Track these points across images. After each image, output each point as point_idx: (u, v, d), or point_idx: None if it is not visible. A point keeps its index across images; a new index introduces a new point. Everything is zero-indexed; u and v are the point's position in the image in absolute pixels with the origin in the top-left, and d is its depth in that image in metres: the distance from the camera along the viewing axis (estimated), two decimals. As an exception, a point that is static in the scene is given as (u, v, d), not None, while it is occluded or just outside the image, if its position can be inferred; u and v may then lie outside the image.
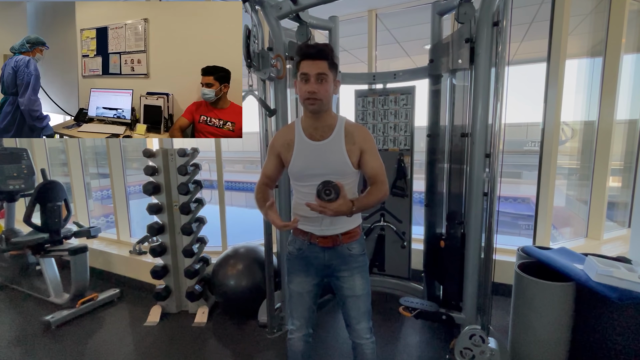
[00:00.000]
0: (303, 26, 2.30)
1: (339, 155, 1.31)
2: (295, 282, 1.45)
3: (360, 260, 1.41)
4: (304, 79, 1.24)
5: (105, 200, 6.57)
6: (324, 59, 1.24)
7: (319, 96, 1.24)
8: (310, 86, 1.23)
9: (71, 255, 2.73)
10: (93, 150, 5.33)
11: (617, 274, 1.60)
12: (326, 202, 1.16)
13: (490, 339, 1.82)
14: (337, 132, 1.33)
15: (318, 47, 1.25)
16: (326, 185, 1.17)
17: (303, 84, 1.25)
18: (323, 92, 1.25)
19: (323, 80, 1.24)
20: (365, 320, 1.42)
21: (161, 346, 2.30)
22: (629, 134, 3.61)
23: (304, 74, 1.24)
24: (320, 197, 1.17)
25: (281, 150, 1.37)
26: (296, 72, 1.29)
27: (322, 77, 1.23)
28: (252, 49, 1.87)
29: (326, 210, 1.16)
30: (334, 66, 1.28)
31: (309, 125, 1.34)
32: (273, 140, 1.41)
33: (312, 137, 1.33)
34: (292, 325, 1.48)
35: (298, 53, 1.27)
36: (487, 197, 1.80)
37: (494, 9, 1.69)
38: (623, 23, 2.91)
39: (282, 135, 1.39)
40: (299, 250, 1.42)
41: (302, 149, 1.33)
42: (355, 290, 1.40)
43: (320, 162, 1.31)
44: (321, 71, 1.23)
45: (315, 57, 1.23)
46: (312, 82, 1.23)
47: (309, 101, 1.25)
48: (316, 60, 1.23)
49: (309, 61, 1.24)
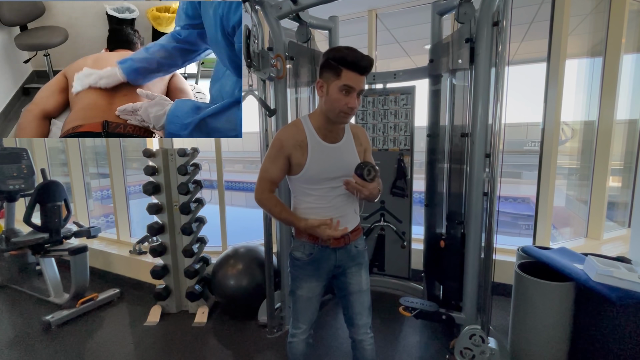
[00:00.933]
0: (303, 26, 2.30)
1: (353, 156, 1.33)
2: (304, 287, 1.41)
3: (364, 255, 1.45)
4: (346, 91, 1.16)
5: (105, 200, 6.57)
6: (367, 73, 1.18)
7: (355, 112, 1.23)
8: (352, 101, 1.18)
9: (71, 255, 2.73)
10: (93, 150, 5.32)
11: (617, 274, 1.60)
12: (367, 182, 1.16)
13: (490, 338, 1.82)
14: (347, 133, 1.35)
15: (370, 61, 1.16)
16: (367, 165, 1.18)
17: (342, 95, 1.17)
18: (357, 106, 1.22)
19: (360, 95, 1.21)
20: (367, 315, 1.44)
21: (161, 346, 2.30)
22: (629, 134, 3.60)
23: (349, 87, 1.15)
24: (362, 177, 1.16)
25: (292, 152, 1.26)
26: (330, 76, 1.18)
27: (361, 92, 1.20)
28: (252, 49, 1.87)
29: (363, 190, 1.16)
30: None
31: (323, 127, 1.29)
32: (281, 141, 1.27)
33: (326, 139, 1.29)
34: (295, 328, 1.45)
35: (343, 60, 1.14)
36: (487, 197, 1.80)
37: (494, 9, 1.69)
38: (623, 23, 2.91)
39: (292, 136, 1.27)
40: (310, 255, 1.37)
41: (318, 151, 1.27)
42: (362, 285, 1.42)
43: (338, 164, 1.29)
44: (364, 87, 1.19)
45: (364, 70, 1.16)
46: (354, 96, 1.18)
47: (345, 115, 1.21)
48: (363, 75, 1.17)
49: (356, 74, 1.15)
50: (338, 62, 1.15)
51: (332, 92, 1.18)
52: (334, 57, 1.17)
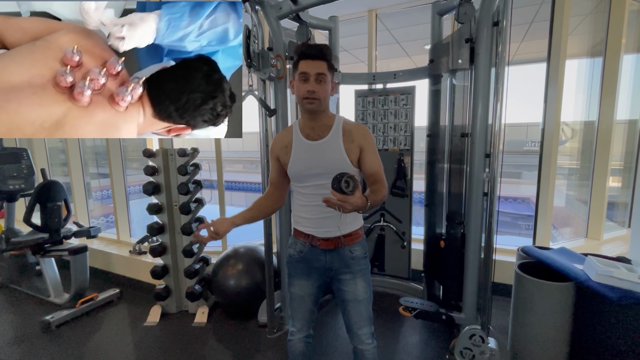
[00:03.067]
0: (303, 26, 2.30)
1: (337, 154, 1.29)
2: (296, 285, 1.43)
3: (362, 263, 1.38)
4: (303, 79, 1.24)
5: (105, 200, 6.57)
6: (323, 59, 1.24)
7: (317, 96, 1.23)
8: (309, 85, 1.23)
9: (71, 255, 2.73)
10: (93, 150, 5.33)
11: (617, 274, 1.60)
12: (346, 195, 1.03)
13: (490, 338, 1.82)
14: (335, 130, 1.31)
15: (318, 47, 1.25)
16: (343, 176, 1.05)
17: (302, 83, 1.24)
18: (322, 92, 1.24)
19: (322, 81, 1.24)
20: (367, 325, 1.39)
21: (161, 346, 2.30)
22: (629, 134, 3.61)
23: (303, 73, 1.23)
24: (339, 190, 1.03)
25: (280, 154, 1.37)
26: (294, 71, 1.28)
27: (321, 77, 1.23)
28: (252, 49, 1.87)
29: (346, 205, 1.03)
30: (332, 68, 1.28)
31: (306, 126, 1.33)
32: (272, 145, 1.42)
33: (309, 137, 1.32)
34: (292, 327, 1.46)
35: (297, 52, 1.27)
36: (487, 197, 1.80)
37: (494, 9, 1.69)
38: (623, 23, 2.91)
39: (280, 138, 1.39)
40: (300, 253, 1.39)
41: (300, 150, 1.32)
42: (357, 294, 1.36)
43: (319, 161, 1.30)
44: (321, 71, 1.23)
45: (315, 57, 1.23)
46: (312, 81, 1.23)
47: (307, 100, 1.25)
48: (316, 60, 1.23)
49: (308, 61, 1.23)
50: (295, 55, 1.28)
51: (296, 84, 1.27)
52: (293, 54, 1.30)
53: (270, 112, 2.11)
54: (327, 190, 1.29)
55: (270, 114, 2.13)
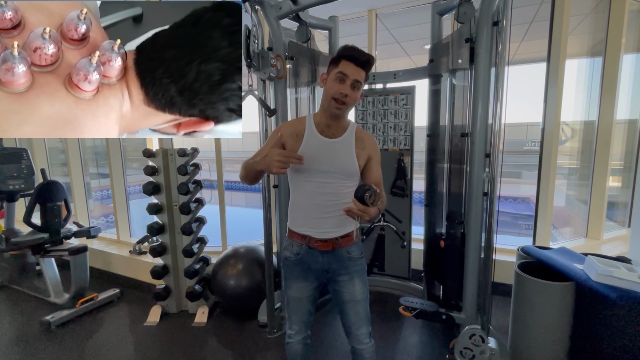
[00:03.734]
0: (303, 26, 2.30)
1: (348, 156, 1.31)
2: (293, 287, 1.42)
3: (359, 263, 1.39)
4: (340, 79, 1.22)
5: (105, 200, 6.57)
6: (366, 69, 1.24)
7: (348, 101, 1.23)
8: (345, 88, 1.22)
9: (71, 255, 2.73)
10: (93, 150, 5.33)
11: (617, 273, 1.60)
12: (367, 207, 1.08)
13: (490, 338, 1.82)
14: (349, 133, 1.33)
15: (367, 57, 1.23)
16: (367, 188, 1.10)
17: (337, 83, 1.22)
18: (353, 99, 1.24)
19: (357, 88, 1.23)
20: (364, 325, 1.39)
21: (161, 346, 2.30)
22: (629, 134, 3.61)
23: (343, 74, 1.21)
24: (361, 200, 1.09)
25: (287, 139, 1.32)
26: (331, 68, 1.26)
27: (357, 84, 1.23)
28: (252, 49, 1.87)
29: (365, 215, 1.08)
30: (367, 79, 1.28)
31: (322, 123, 1.32)
32: (280, 127, 1.37)
33: (323, 133, 1.32)
34: (290, 329, 1.46)
35: (343, 52, 1.24)
36: (487, 197, 1.81)
37: (494, 8, 1.70)
38: (623, 23, 2.91)
39: (292, 124, 1.36)
40: (297, 255, 1.38)
41: (312, 142, 1.31)
42: (355, 294, 1.37)
43: (329, 158, 1.29)
44: (359, 79, 1.23)
45: (361, 64, 1.22)
46: (348, 84, 1.22)
47: (337, 102, 1.23)
48: (359, 68, 1.22)
49: (352, 65, 1.22)
50: (340, 55, 1.25)
51: (329, 80, 1.26)
52: (338, 52, 1.27)
53: (270, 112, 2.11)
54: (330, 189, 1.31)
55: (270, 114, 2.13)
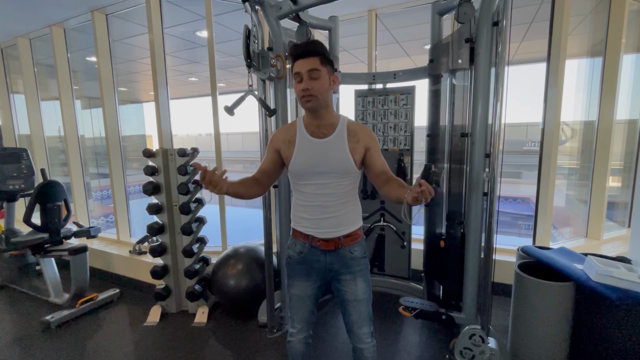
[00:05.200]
0: (303, 26, 2.30)
1: (341, 154, 1.30)
2: (295, 286, 1.42)
3: (362, 263, 1.39)
4: (298, 79, 1.25)
5: (105, 200, 6.56)
6: (313, 55, 1.24)
7: (313, 92, 1.23)
8: (303, 84, 1.23)
9: (71, 255, 2.73)
10: (93, 150, 5.32)
11: (617, 274, 1.60)
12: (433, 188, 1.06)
13: (490, 338, 1.82)
14: (340, 130, 1.32)
15: (305, 44, 1.26)
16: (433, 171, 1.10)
17: (296, 83, 1.25)
18: (317, 88, 1.24)
19: (315, 77, 1.23)
20: (366, 325, 1.40)
21: (161, 346, 2.30)
22: (629, 134, 3.61)
23: (297, 74, 1.24)
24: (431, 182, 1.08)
25: (281, 147, 1.35)
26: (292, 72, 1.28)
27: (314, 73, 1.23)
28: (252, 49, 1.87)
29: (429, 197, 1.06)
30: (328, 61, 1.27)
31: (310, 124, 1.33)
32: (273, 135, 1.40)
33: (313, 134, 1.32)
34: (292, 328, 1.46)
35: (289, 55, 1.28)
36: (487, 197, 1.80)
37: (494, 9, 1.69)
38: (623, 23, 2.91)
39: (284, 131, 1.38)
40: (300, 253, 1.39)
41: (304, 146, 1.32)
42: (357, 294, 1.37)
43: (323, 159, 1.29)
44: (312, 67, 1.23)
45: (304, 55, 1.24)
46: (305, 79, 1.23)
47: (304, 99, 1.25)
48: (306, 58, 1.23)
49: (299, 60, 1.24)
50: (289, 58, 1.29)
51: (294, 86, 1.28)
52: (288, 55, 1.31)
53: (270, 112, 2.11)
54: (328, 190, 1.31)
55: (270, 114, 2.13)
